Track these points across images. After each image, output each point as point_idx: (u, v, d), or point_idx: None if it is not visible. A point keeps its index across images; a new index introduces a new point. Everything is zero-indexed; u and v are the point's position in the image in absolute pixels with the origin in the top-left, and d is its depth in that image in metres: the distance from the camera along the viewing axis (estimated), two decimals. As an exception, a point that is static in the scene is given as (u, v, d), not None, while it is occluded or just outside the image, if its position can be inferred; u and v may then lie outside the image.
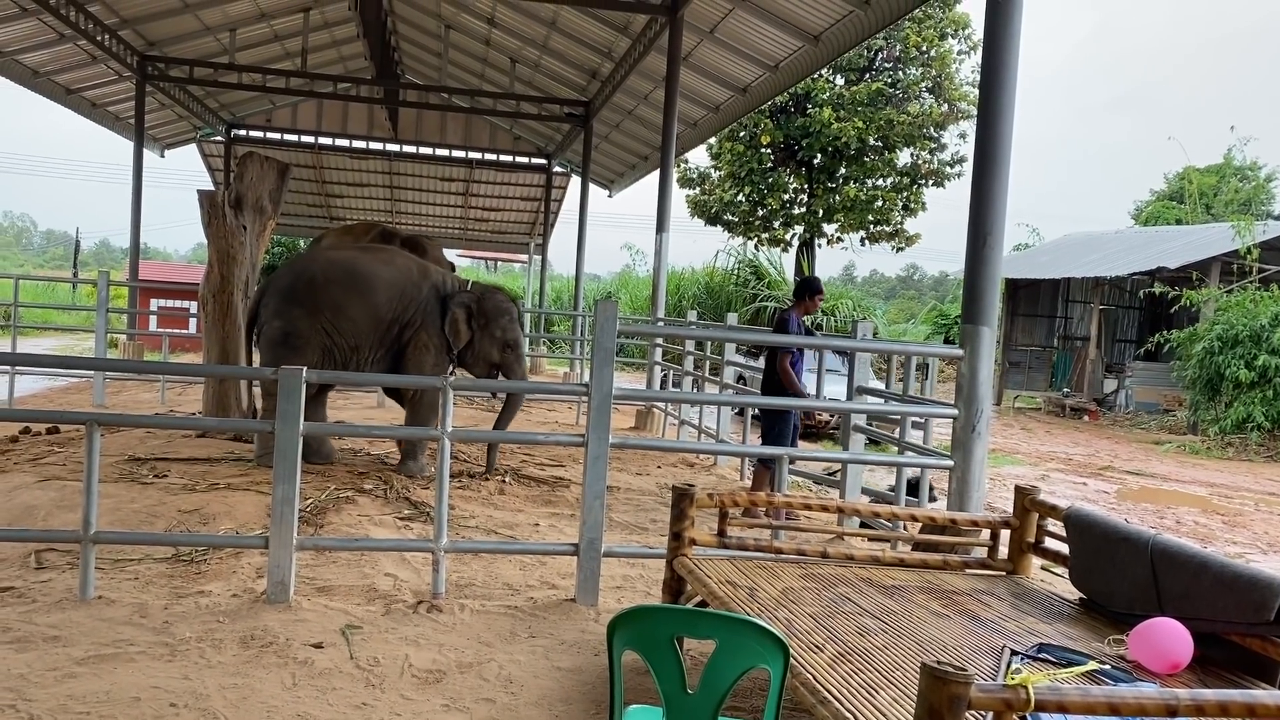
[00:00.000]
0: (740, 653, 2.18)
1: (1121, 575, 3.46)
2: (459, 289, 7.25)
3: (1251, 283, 17.65)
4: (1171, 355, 18.57)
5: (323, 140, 21.22)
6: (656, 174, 12.23)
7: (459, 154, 21.61)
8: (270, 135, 21.07)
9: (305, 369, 4.28)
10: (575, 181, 20.88)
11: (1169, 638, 2.88)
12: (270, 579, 4.33)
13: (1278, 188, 32.08)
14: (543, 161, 21.79)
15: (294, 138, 21.20)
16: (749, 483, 8.12)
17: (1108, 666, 2.82)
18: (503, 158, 21.86)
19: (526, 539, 5.78)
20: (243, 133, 20.95)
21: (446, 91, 18.79)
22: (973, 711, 2.12)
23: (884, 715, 2.51)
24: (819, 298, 7.42)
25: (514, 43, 16.58)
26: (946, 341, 24.91)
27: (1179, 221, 28.25)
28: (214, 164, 21.64)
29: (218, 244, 7.52)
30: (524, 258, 25.54)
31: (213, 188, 18.84)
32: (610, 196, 21.97)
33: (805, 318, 7.51)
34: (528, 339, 16.52)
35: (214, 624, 4.05)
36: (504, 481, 7.18)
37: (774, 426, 7.03)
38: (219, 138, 21.08)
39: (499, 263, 37.59)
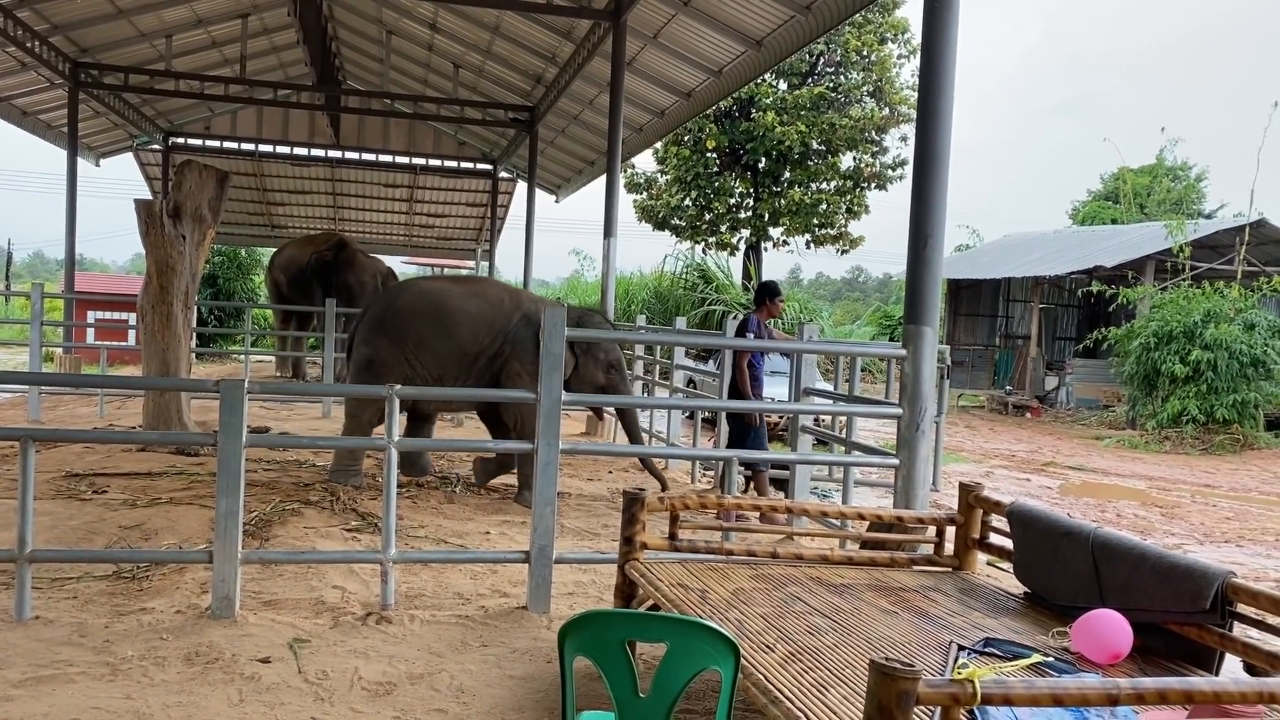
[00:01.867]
0: (691, 655, 2.19)
1: (1064, 569, 3.53)
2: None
3: (1184, 280, 18.11)
4: (1109, 352, 19.00)
5: (263, 148, 20.91)
6: (603, 179, 12.24)
7: (403, 160, 21.44)
8: (209, 143, 20.71)
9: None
10: (521, 187, 20.82)
11: (1109, 629, 2.94)
12: (215, 594, 4.25)
13: (1207, 187, 33.05)
14: (488, 167, 21.68)
15: (234, 145, 20.85)
16: (701, 485, 8.15)
17: (1051, 659, 2.88)
18: (447, 163, 21.72)
19: (477, 548, 5.74)
20: (181, 141, 20.57)
21: (389, 97, 18.62)
22: (922, 707, 2.15)
23: (835, 713, 2.53)
24: (779, 300, 7.58)
25: (457, 48, 16.48)
26: (891, 342, 25.21)
27: (1114, 221, 28.92)
28: (151, 173, 21.23)
29: (156, 254, 7.38)
30: (471, 264, 25.38)
31: (150, 197, 18.51)
32: (557, 202, 21.94)
33: (769, 321, 7.61)
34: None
35: (157, 641, 3.97)
36: (453, 490, 7.13)
37: (745, 433, 7.13)
38: (156, 146, 20.67)
39: (445, 269, 37.32)
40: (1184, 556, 3.24)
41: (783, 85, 23.72)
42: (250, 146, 20.86)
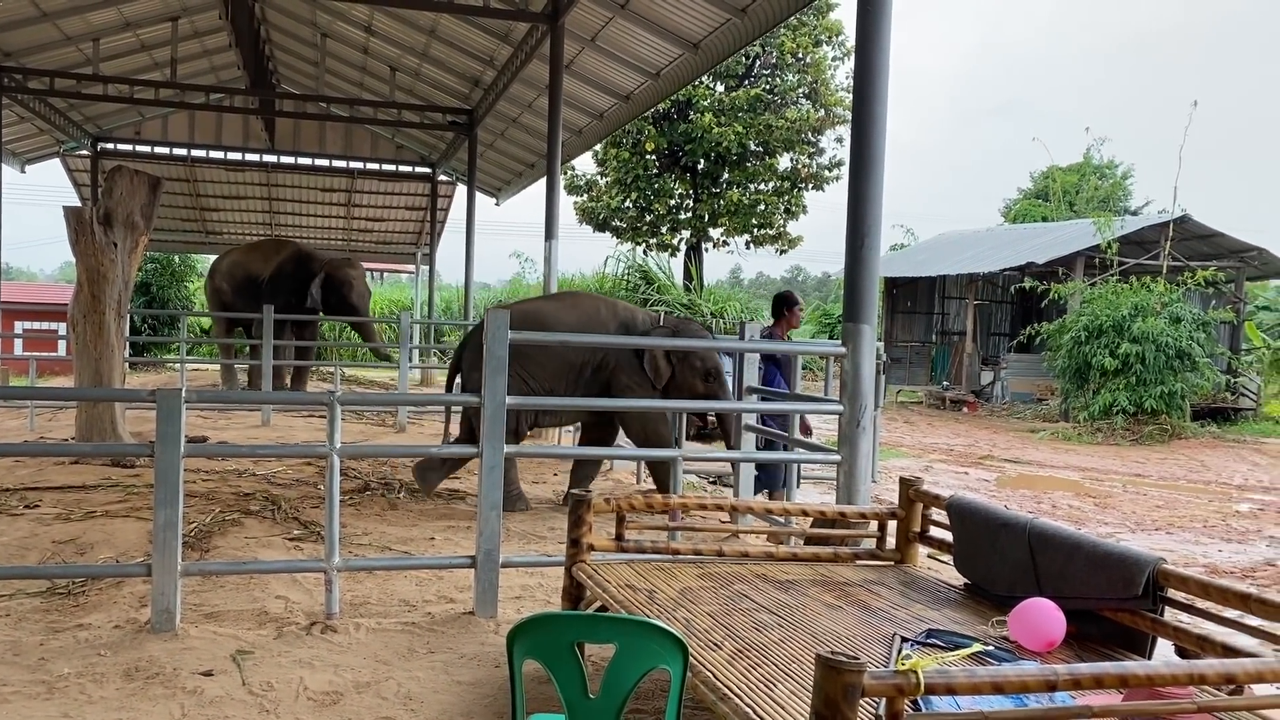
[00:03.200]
0: (640, 654, 2.21)
1: (1002, 559, 3.61)
2: (652, 325, 7.07)
3: (1113, 275, 18.58)
4: (1042, 347, 19.42)
5: (196, 152, 20.53)
6: (544, 181, 12.22)
7: (340, 164, 21.19)
8: (140, 148, 20.27)
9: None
10: (461, 190, 20.70)
11: (1043, 617, 3.02)
12: (154, 607, 4.17)
13: (1133, 184, 33.96)
14: (427, 170, 21.52)
15: (165, 150, 20.45)
16: (645, 485, 8.17)
17: (991, 648, 2.95)
18: (385, 167, 21.52)
19: (422, 554, 5.70)
20: (110, 146, 20.12)
21: (325, 101, 18.40)
22: (867, 699, 2.19)
23: (783, 707, 2.57)
24: (798, 309, 7.15)
25: (393, 51, 16.35)
26: (830, 340, 25.51)
27: (1045, 218, 29.57)
28: (80, 179, 20.72)
29: (87, 262, 7.22)
30: (411, 268, 25.17)
31: (79, 204, 18.05)
32: (498, 204, 21.86)
33: (789, 334, 7.21)
34: (417, 349, 16.33)
35: (95, 658, 3.88)
36: (396, 496, 7.07)
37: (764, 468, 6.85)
38: (84, 151, 20.18)
39: (385, 273, 36.95)
40: (1116, 545, 3.34)
41: (720, 87, 23.89)
42: (182, 151, 20.46)
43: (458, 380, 7.24)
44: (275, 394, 6.41)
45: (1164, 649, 3.18)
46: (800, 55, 23.19)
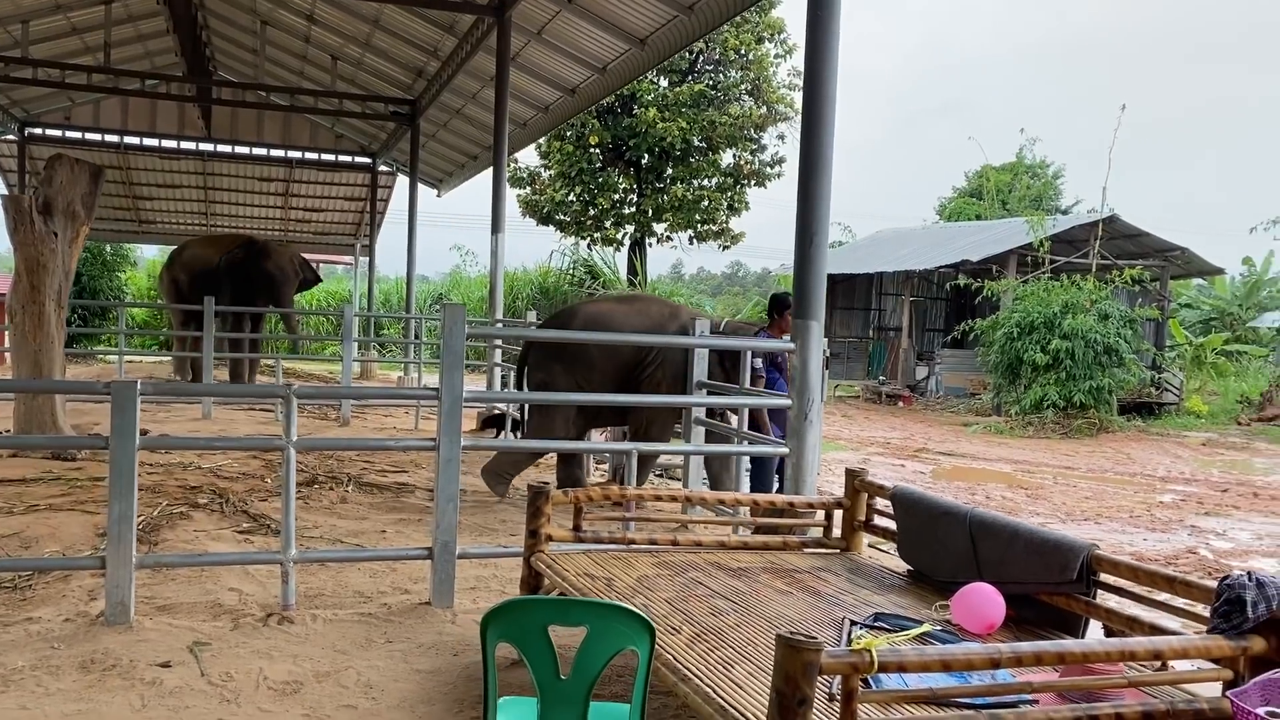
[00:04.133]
0: (610, 636, 2.31)
1: (944, 547, 3.78)
2: (713, 329, 6.99)
3: (1044, 273, 19.09)
4: (976, 342, 19.88)
5: (129, 139, 20.06)
6: (486, 173, 12.24)
7: (278, 153, 20.87)
8: (70, 134, 19.75)
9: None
10: (402, 181, 20.53)
11: (984, 601, 3.18)
12: (109, 600, 4.16)
13: (1064, 184, 34.85)
14: (367, 160, 21.30)
15: (97, 137, 19.95)
16: (599, 478, 8.26)
17: (936, 629, 3.10)
18: (325, 157, 21.24)
19: (374, 546, 5.73)
20: (38, 131, 19.56)
21: (264, 89, 18.13)
22: (823, 676, 2.32)
23: (741, 687, 2.69)
24: (789, 312, 6.66)
25: (335, 40, 16.16)
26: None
27: (979, 217, 30.23)
28: (6, 165, 20.14)
29: (25, 252, 7.08)
30: (349, 259, 24.88)
31: (4, 190, 17.56)
32: (439, 196, 21.72)
33: (784, 338, 6.85)
34: (357, 344, 16.20)
35: (48, 651, 3.87)
36: (346, 490, 7.07)
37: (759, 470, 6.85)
38: (11, 136, 19.59)
39: (322, 264, 36.44)
40: (1053, 532, 3.52)
41: (664, 82, 24.00)
42: (115, 138, 19.99)
43: (430, 378, 7.27)
44: (227, 386, 6.35)
45: (1096, 631, 3.37)
46: (743, 52, 23.39)
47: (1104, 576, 3.25)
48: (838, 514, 4.45)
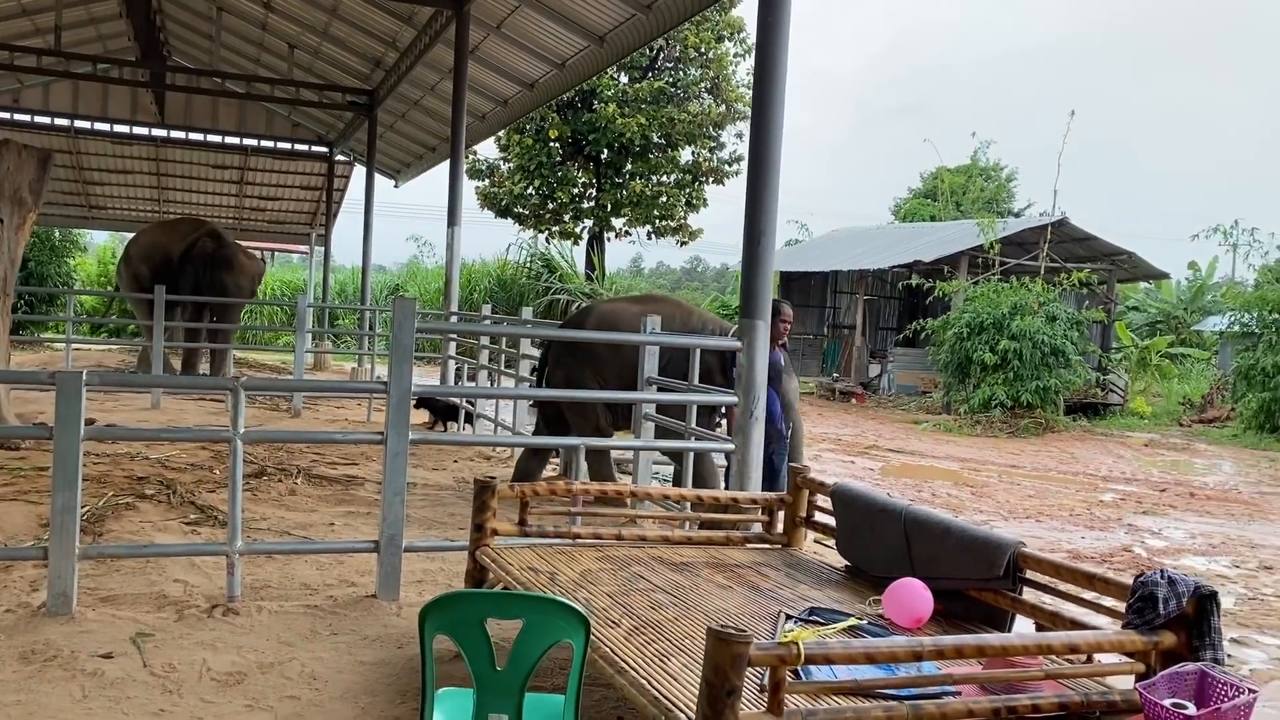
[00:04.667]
0: (545, 629, 2.37)
1: (879, 543, 3.88)
2: (721, 333, 6.87)
3: (994, 274, 19.40)
4: (927, 341, 20.17)
5: (80, 124, 19.71)
6: (444, 165, 12.20)
7: (233, 140, 20.63)
8: (19, 117, 19.36)
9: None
10: (359, 171, 20.39)
11: (913, 596, 3.29)
12: (51, 591, 4.14)
13: (1017, 187, 35.41)
14: (324, 150, 21.12)
15: (46, 120, 19.57)
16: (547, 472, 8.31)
17: (864, 622, 3.20)
18: (281, 145, 21.03)
19: (321, 539, 5.74)
20: (-17, 113, 19.17)
21: (219, 76, 17.89)
22: (753, 668, 2.40)
23: (675, 679, 2.76)
24: (779, 319, 6.29)
25: (293, 28, 16.01)
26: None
27: (933, 217, 30.61)
28: (-50, 146, 19.70)
29: (-31, 238, 6.98)
30: (304, 248, 24.64)
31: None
32: (396, 187, 21.62)
33: (773, 348, 6.20)
34: (311, 334, 16.08)
35: (-12, 642, 3.85)
36: (294, 482, 7.06)
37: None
38: (-43, 119, 19.20)
39: (277, 253, 36.03)
40: (982, 529, 3.64)
41: (624, 78, 24.03)
42: (65, 122, 19.63)
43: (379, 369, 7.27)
44: (175, 378, 6.30)
45: (1022, 626, 3.49)
46: (703, 50, 23.49)
47: (1030, 573, 3.37)
48: (780, 510, 4.54)
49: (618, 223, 25.24)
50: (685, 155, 24.41)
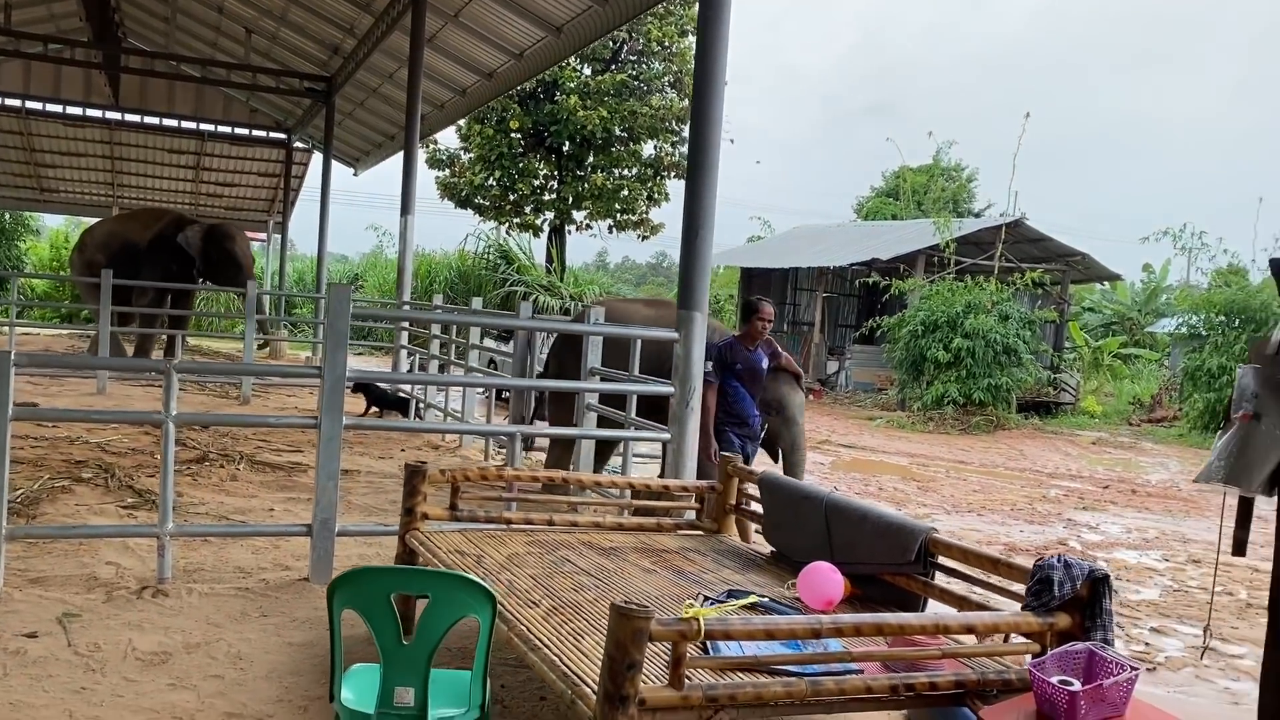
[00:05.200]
0: (450, 604, 2.41)
1: (802, 529, 3.97)
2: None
3: (949, 273, 19.64)
4: (884, 339, 20.37)
5: (31, 104, 19.39)
6: (403, 155, 12.17)
7: (189, 125, 20.38)
8: (-34, 96, 19.05)
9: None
10: (318, 158, 20.24)
11: (824, 579, 3.37)
12: (-24, 571, 4.13)
13: (977, 187, 35.78)
14: (282, 136, 20.93)
15: (-4, 100, 19.26)
16: (496, 462, 8.33)
17: (767, 599, 3.28)
18: (238, 131, 20.82)
19: (260, 524, 5.73)
20: (-69, 92, 18.83)
21: (175, 59, 17.69)
22: (657, 643, 2.46)
23: (587, 656, 2.82)
24: (756, 317, 6.13)
25: (250, 13, 15.87)
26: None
27: (895, 216, 30.87)
28: (-105, 126, 19.35)
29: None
30: (263, 236, 24.40)
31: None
32: (356, 174, 21.46)
33: (751, 348, 6.15)
34: (267, 322, 15.94)
35: (-90, 621, 3.84)
36: (236, 468, 7.04)
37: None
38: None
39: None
40: (897, 516, 3.73)
41: (587, 70, 24.01)
42: (16, 102, 19.31)
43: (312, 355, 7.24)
44: (107, 359, 6.26)
45: (940, 609, 3.58)
46: (666, 44, 23.51)
47: (941, 559, 3.47)
48: (711, 498, 4.62)
49: (579, 215, 25.22)
50: (647, 149, 24.43)
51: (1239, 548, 2.41)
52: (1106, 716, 2.55)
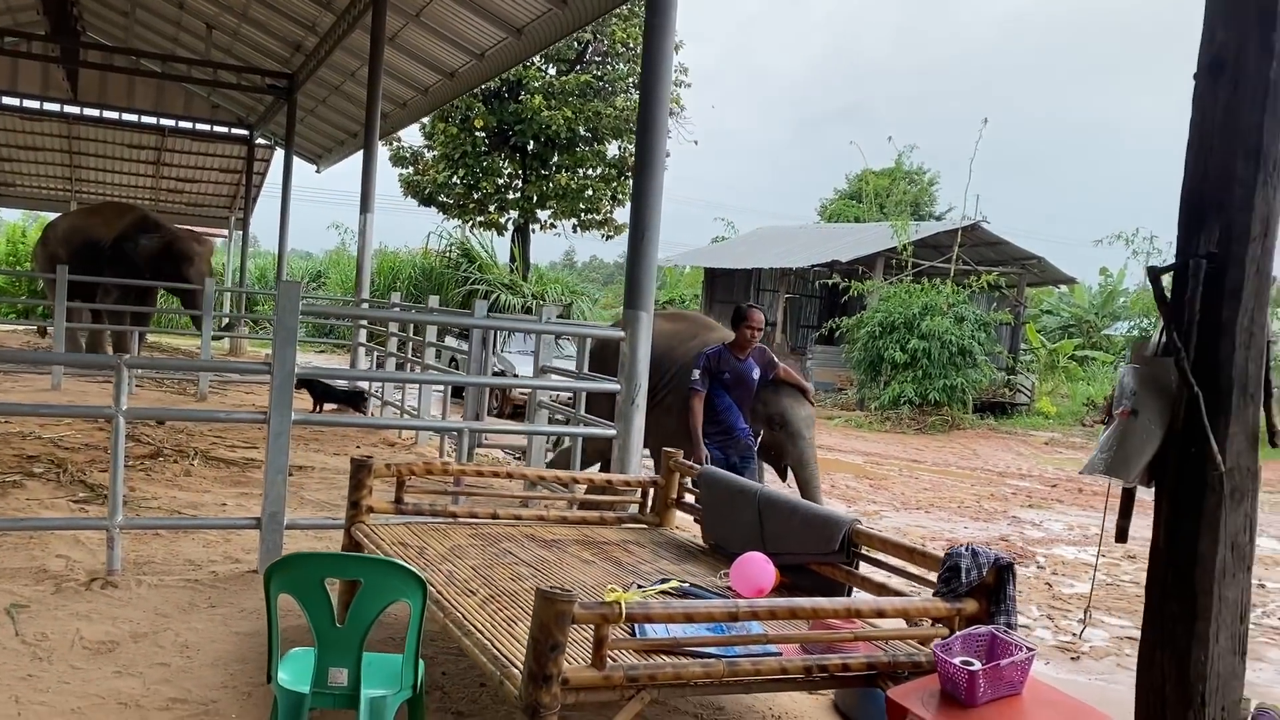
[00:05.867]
0: (382, 589, 2.53)
1: (737, 521, 4.11)
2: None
3: (907, 276, 19.93)
4: (843, 339, 20.63)
5: (-13, 98, 19.19)
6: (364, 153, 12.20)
7: (150, 120, 20.24)
8: (-80, 87, 18.82)
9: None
10: (280, 155, 20.17)
11: (755, 569, 3.51)
12: (-76, 563, 4.18)
13: (939, 191, 36.27)
14: (244, 132, 20.84)
15: (-51, 92, 19.03)
16: (450, 459, 8.42)
17: (687, 585, 3.42)
18: (200, 126, 20.69)
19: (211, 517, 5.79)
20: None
21: (135, 54, 17.56)
22: (580, 625, 2.59)
23: (518, 640, 2.93)
24: (745, 325, 5.92)
25: (210, 8, 15.81)
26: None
27: (857, 219, 31.22)
28: None
29: None
30: (224, 232, 24.27)
31: None
32: (319, 171, 21.41)
33: (741, 356, 5.97)
34: (227, 319, 15.89)
35: None
36: (190, 463, 7.09)
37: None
38: None
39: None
40: (824, 508, 3.89)
41: (552, 70, 24.09)
42: (-29, 96, 19.10)
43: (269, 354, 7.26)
44: (62, 355, 6.30)
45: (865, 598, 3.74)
46: (631, 45, 23.63)
47: (865, 550, 3.63)
48: (654, 492, 4.75)
49: (543, 214, 25.29)
50: (612, 150, 24.55)
51: (1121, 535, 2.58)
52: (1005, 694, 2.72)
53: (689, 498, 4.62)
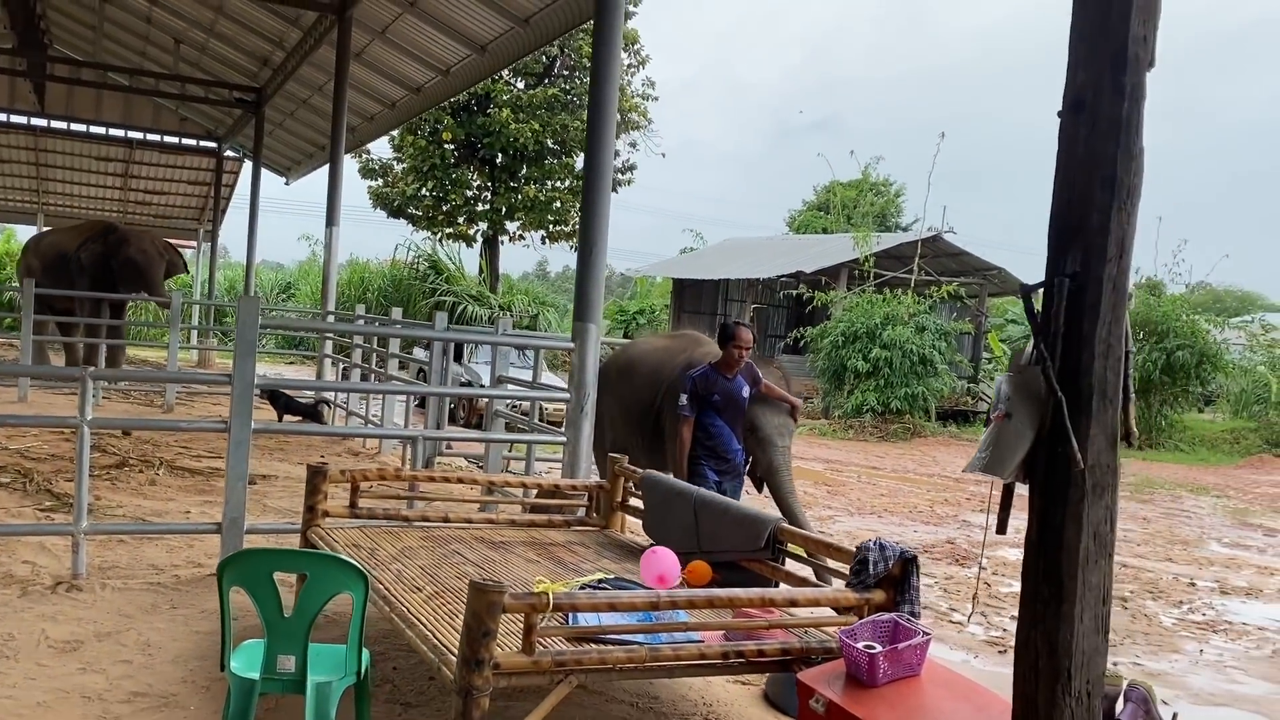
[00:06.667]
0: (326, 581, 2.74)
1: (675, 522, 4.35)
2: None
3: (869, 286, 20.28)
4: (808, 349, 20.95)
5: (-48, 110, 19.18)
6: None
7: (118, 133, 20.28)
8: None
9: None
10: (249, 167, 20.27)
11: (657, 560, 3.68)
12: (-107, 568, 4.33)
13: (905, 202, 36.77)
14: (213, 145, 20.92)
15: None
16: (409, 466, 8.61)
17: (611, 576, 3.65)
18: (168, 139, 20.75)
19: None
20: None
21: (103, 68, 17.63)
22: (511, 615, 2.81)
23: (458, 631, 3.13)
24: (733, 344, 5.66)
25: (179, 23, 15.93)
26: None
27: (825, 230, 31.64)
28: None
29: None
30: (193, 244, 24.30)
31: None
32: (288, 184, 21.48)
33: (730, 376, 5.74)
34: (195, 330, 15.97)
35: None
36: (156, 473, 7.24)
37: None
38: None
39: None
40: (752, 509, 4.13)
41: (520, 84, 24.33)
42: (-63, 108, 19.08)
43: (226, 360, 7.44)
44: (27, 367, 6.43)
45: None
46: (598, 59, 23.93)
47: (792, 547, 3.87)
48: (601, 496, 4.98)
49: (512, 226, 25.51)
50: (579, 162, 24.81)
51: (1001, 527, 2.84)
52: (904, 675, 2.97)
53: (635, 501, 4.85)
